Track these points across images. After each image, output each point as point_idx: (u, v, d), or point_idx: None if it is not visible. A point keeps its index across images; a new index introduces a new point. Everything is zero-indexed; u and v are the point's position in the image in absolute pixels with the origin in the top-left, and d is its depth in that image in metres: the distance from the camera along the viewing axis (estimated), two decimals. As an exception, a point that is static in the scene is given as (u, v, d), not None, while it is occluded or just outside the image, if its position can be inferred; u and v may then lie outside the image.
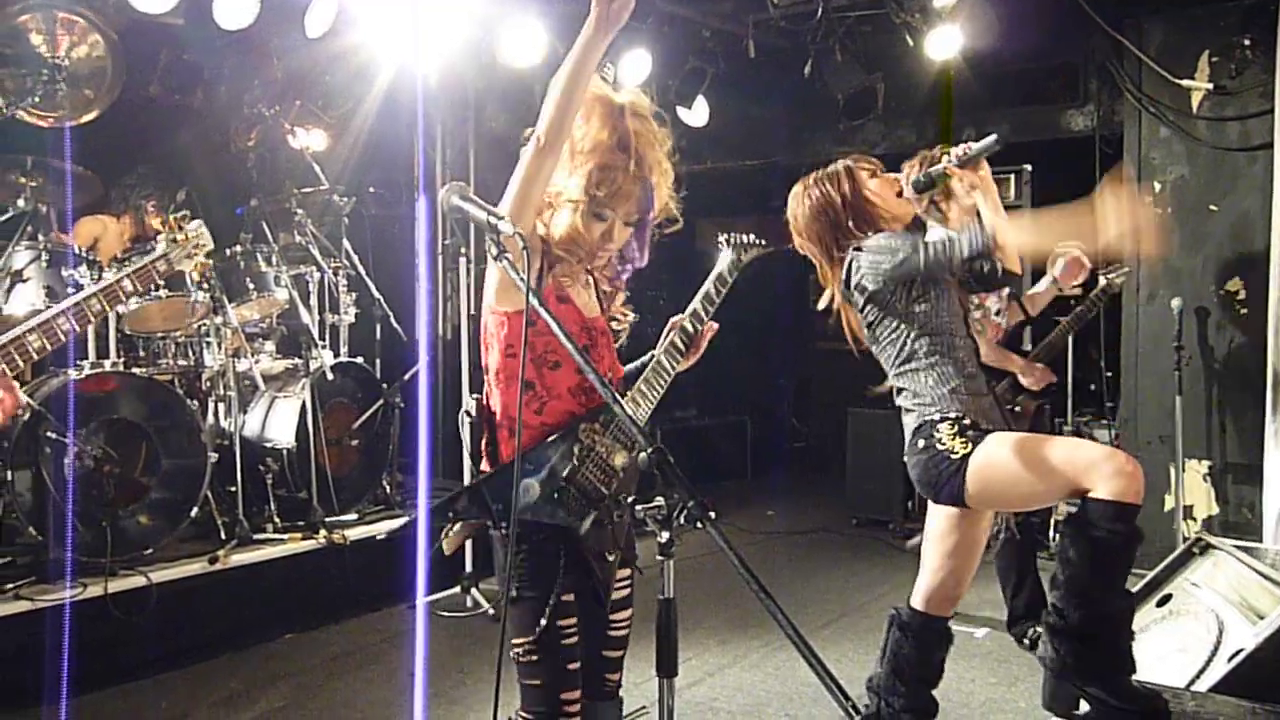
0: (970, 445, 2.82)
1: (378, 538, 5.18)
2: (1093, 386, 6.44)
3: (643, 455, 1.76)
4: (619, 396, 2.08)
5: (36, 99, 4.66)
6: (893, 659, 3.11)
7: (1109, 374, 6.19)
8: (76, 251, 4.73)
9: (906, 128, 7.25)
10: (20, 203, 4.76)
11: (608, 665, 2.48)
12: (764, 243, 2.72)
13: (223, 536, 4.84)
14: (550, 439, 2.30)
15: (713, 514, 1.74)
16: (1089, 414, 6.47)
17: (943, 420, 2.89)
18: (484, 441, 2.39)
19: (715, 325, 2.63)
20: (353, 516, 5.38)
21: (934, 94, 6.30)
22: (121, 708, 4.04)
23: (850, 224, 3.05)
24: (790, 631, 1.61)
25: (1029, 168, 6.10)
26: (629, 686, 4.14)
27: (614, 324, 2.53)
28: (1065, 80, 6.60)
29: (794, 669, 4.30)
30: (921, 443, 2.93)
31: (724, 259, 2.65)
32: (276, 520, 5.09)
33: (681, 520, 1.81)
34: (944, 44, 5.60)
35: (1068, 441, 2.84)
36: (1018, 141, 6.51)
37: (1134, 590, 3.84)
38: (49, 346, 2.36)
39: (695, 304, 2.60)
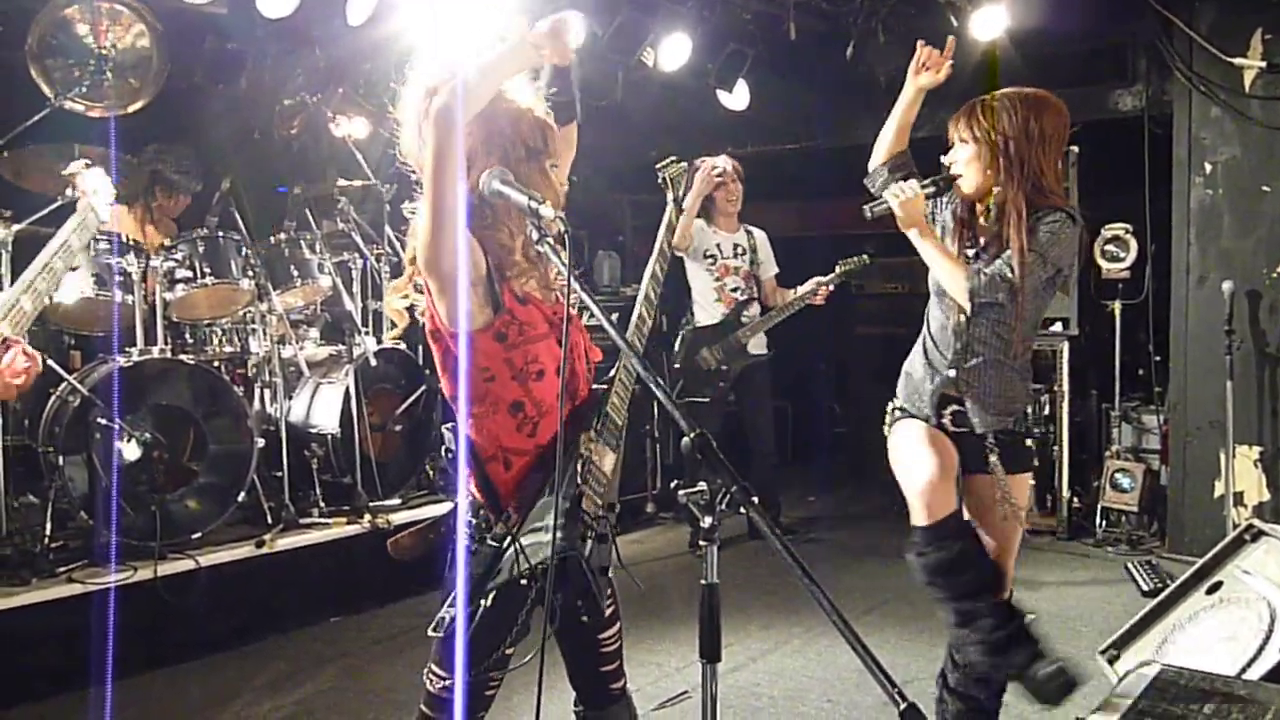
0: (889, 429, 3.03)
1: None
2: (1141, 371, 6.33)
3: (685, 441, 1.75)
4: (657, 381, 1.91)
5: (84, 89, 4.70)
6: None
7: (1158, 358, 6.09)
8: (123, 239, 4.78)
9: (950, 110, 7.07)
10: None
11: (608, 678, 2.40)
12: (675, 158, 2.67)
13: (269, 521, 4.89)
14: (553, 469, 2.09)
15: (755, 499, 1.72)
16: (1137, 399, 6.36)
17: (891, 401, 3.09)
18: (473, 480, 2.18)
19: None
20: (396, 501, 5.43)
21: (979, 75, 6.18)
22: (169, 689, 4.11)
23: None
24: (836, 617, 1.60)
25: (1076, 149, 5.99)
26: (671, 671, 4.17)
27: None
28: (1113, 60, 6.45)
29: (835, 655, 4.29)
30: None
31: (668, 207, 2.59)
32: (322, 505, 5.15)
33: (724, 506, 1.80)
34: (989, 24, 5.50)
35: (911, 456, 2.91)
36: (1065, 122, 6.47)
37: (1184, 578, 3.82)
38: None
39: (651, 265, 2.46)
